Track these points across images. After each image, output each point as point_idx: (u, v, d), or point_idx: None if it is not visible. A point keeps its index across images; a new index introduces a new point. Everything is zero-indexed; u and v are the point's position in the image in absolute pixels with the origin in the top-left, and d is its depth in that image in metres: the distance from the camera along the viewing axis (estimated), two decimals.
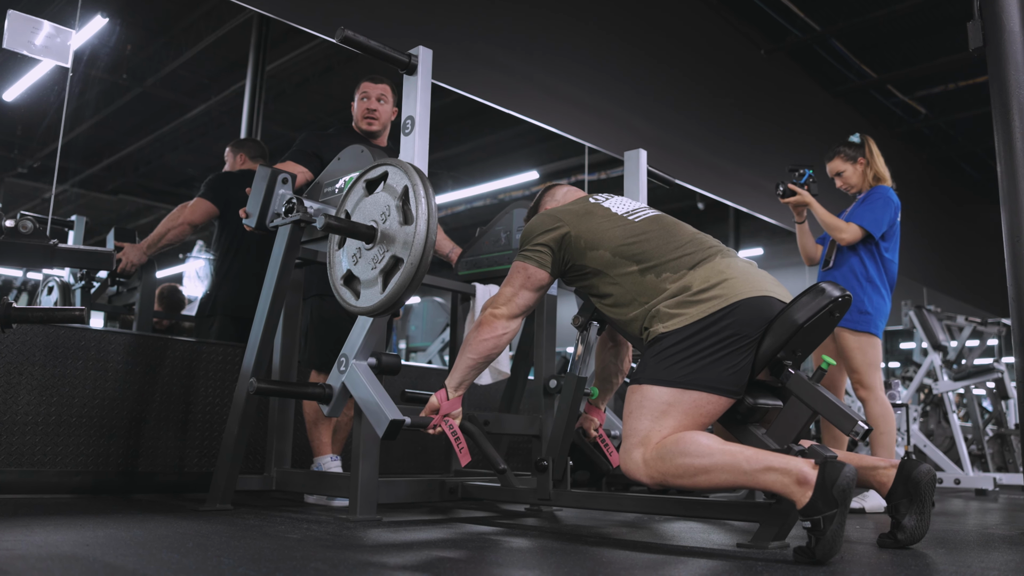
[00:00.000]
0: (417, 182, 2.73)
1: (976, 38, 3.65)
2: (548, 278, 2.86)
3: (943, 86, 10.49)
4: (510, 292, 2.86)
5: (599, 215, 2.86)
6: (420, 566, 2.03)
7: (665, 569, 2.11)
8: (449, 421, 2.88)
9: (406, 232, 2.70)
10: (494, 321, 2.83)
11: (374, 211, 2.83)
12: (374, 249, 2.79)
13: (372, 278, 2.78)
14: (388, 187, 2.82)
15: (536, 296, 2.88)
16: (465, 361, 2.86)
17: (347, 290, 2.90)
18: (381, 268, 2.75)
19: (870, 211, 4.37)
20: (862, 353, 4.27)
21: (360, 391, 2.95)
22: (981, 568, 2.23)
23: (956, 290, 12.68)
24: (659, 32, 7.99)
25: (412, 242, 2.66)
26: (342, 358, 3.03)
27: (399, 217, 2.74)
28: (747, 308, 2.49)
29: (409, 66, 3.12)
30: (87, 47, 8.02)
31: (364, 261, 2.82)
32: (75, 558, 1.94)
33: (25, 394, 3.65)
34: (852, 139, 4.60)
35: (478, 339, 2.83)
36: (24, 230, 2.50)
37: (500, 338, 2.83)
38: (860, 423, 2.33)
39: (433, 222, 2.67)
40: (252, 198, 3.54)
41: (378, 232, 2.78)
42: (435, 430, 2.89)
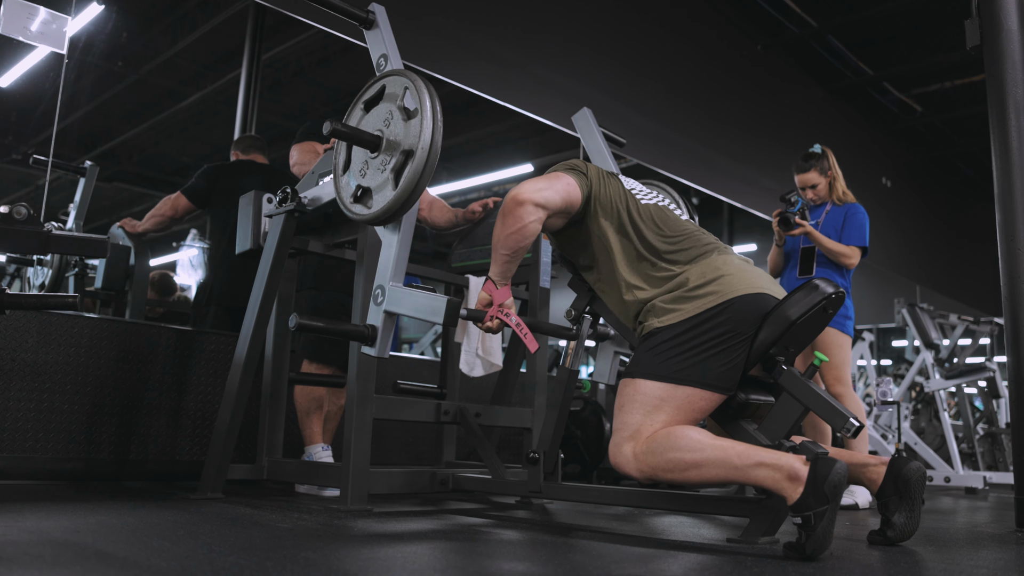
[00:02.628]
0: (416, 80, 2.73)
1: (973, 36, 3.66)
2: (579, 200, 2.73)
3: (939, 84, 10.51)
4: (541, 185, 2.69)
5: (616, 182, 2.83)
6: (410, 557, 2.03)
7: (655, 563, 2.11)
8: (506, 310, 2.75)
9: (411, 126, 2.69)
10: (518, 208, 2.65)
11: (376, 122, 2.82)
12: (380, 156, 2.77)
13: (383, 181, 2.76)
14: (387, 96, 2.82)
15: (561, 206, 2.71)
16: (500, 256, 2.72)
17: (359, 205, 2.85)
18: (391, 167, 2.73)
19: (858, 229, 4.59)
20: (842, 352, 4.45)
21: (407, 301, 2.79)
22: (970, 566, 2.24)
23: (949, 288, 12.71)
24: (655, 27, 7.99)
25: (420, 132, 2.64)
26: (377, 290, 2.91)
27: (402, 116, 2.73)
28: (742, 305, 2.49)
29: (367, 21, 3.15)
30: (83, 34, 7.99)
31: (372, 170, 2.80)
32: (66, 544, 1.94)
33: (17, 380, 3.65)
34: (814, 150, 4.78)
35: (506, 233, 2.67)
36: (18, 216, 2.49)
37: (527, 227, 2.65)
38: (852, 419, 2.34)
39: (438, 111, 2.65)
40: (240, 225, 3.56)
41: (383, 139, 2.77)
42: (492, 321, 2.75)
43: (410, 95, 2.75)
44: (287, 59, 9.63)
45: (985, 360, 7.76)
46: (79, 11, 5.72)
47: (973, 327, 8.30)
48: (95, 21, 7.98)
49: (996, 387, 7.87)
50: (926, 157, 12.45)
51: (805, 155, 4.78)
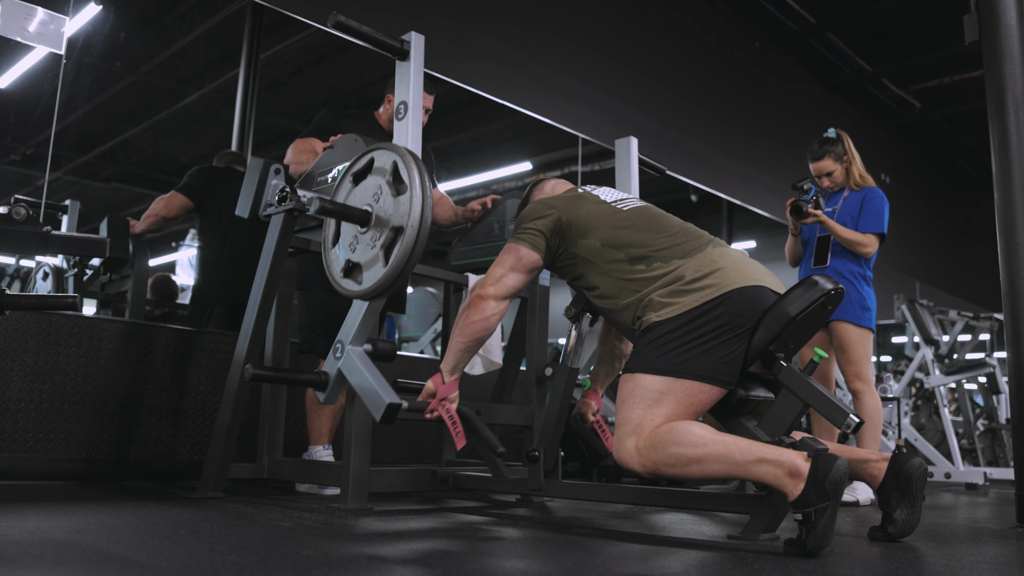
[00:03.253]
0: (405, 155, 2.73)
1: (972, 31, 3.65)
2: (539, 261, 2.85)
3: (938, 80, 10.50)
4: (500, 273, 2.84)
5: (590, 201, 2.87)
6: (411, 555, 2.03)
7: (655, 560, 2.11)
8: (446, 405, 2.87)
9: (401, 203, 2.69)
10: (481, 303, 2.81)
11: (365, 196, 2.83)
12: (370, 231, 2.78)
13: (373, 257, 2.76)
14: (376, 170, 2.82)
15: (525, 279, 2.86)
16: (456, 345, 2.85)
17: (349, 280, 2.88)
18: (381, 244, 2.73)
19: (875, 216, 4.45)
20: (862, 347, 4.35)
21: (356, 376, 2.93)
22: (971, 561, 2.24)
23: (949, 284, 12.71)
24: (654, 23, 7.98)
25: (409, 209, 2.65)
26: (337, 344, 3.01)
27: (391, 192, 2.73)
28: (740, 297, 2.49)
29: (401, 52, 3.11)
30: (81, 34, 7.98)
31: (362, 246, 2.81)
32: (68, 544, 1.94)
33: (18, 381, 3.65)
34: (829, 134, 4.64)
35: (467, 322, 2.81)
36: (17, 216, 2.49)
37: (488, 319, 2.81)
38: (851, 416, 2.34)
39: (427, 187, 2.66)
40: (244, 189, 3.53)
41: (372, 215, 2.77)
42: (432, 414, 2.88)
43: (399, 169, 2.73)
44: (285, 58, 9.62)
45: (985, 356, 7.75)
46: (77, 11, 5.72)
47: (973, 323, 8.30)
48: (93, 21, 7.97)
49: (996, 383, 7.87)
50: (925, 153, 12.44)
51: (819, 141, 4.66)
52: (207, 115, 11.15)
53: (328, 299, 3.88)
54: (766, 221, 9.77)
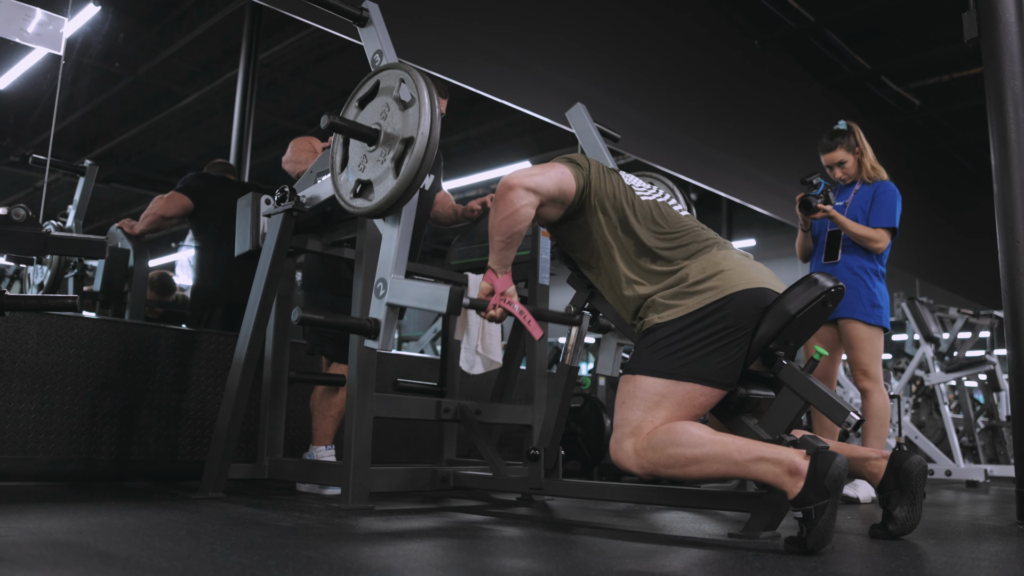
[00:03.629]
0: (411, 70, 2.72)
1: (971, 29, 3.65)
2: (573, 190, 2.73)
3: (937, 77, 10.49)
4: (536, 171, 2.70)
5: (616, 178, 2.83)
6: (412, 555, 2.03)
7: (656, 559, 2.11)
8: (508, 298, 2.72)
9: (409, 115, 2.69)
10: (509, 193, 2.65)
11: (373, 116, 2.82)
12: (379, 149, 2.77)
13: (383, 171, 2.75)
14: (383, 90, 2.82)
15: (555, 194, 2.70)
16: (497, 244, 2.71)
17: (360, 199, 2.84)
18: (391, 157, 2.72)
19: (887, 210, 4.39)
20: (871, 345, 4.30)
21: (409, 292, 2.78)
22: (972, 559, 2.24)
23: (949, 282, 12.71)
24: (652, 22, 7.98)
25: (419, 118, 2.64)
26: (379, 284, 2.89)
27: (399, 108, 2.72)
28: (742, 300, 2.49)
29: (361, 19, 3.14)
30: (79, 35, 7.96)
31: (372, 163, 2.79)
32: (68, 545, 1.94)
33: (18, 382, 3.65)
34: (840, 126, 4.59)
35: (499, 219, 2.67)
36: (17, 218, 2.49)
37: (520, 211, 2.64)
38: (852, 413, 2.34)
39: (435, 99, 2.65)
40: (239, 226, 3.55)
41: (381, 132, 2.76)
42: (496, 310, 2.72)
43: (406, 86, 2.74)
44: (284, 58, 9.62)
45: (985, 353, 7.75)
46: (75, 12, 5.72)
47: (973, 320, 8.29)
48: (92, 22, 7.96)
49: (997, 380, 7.86)
50: (924, 151, 12.44)
51: (830, 133, 4.60)
52: (206, 116, 11.15)
53: (335, 301, 3.88)
54: (766, 219, 9.77)
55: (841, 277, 4.32)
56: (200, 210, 4.78)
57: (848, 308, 4.29)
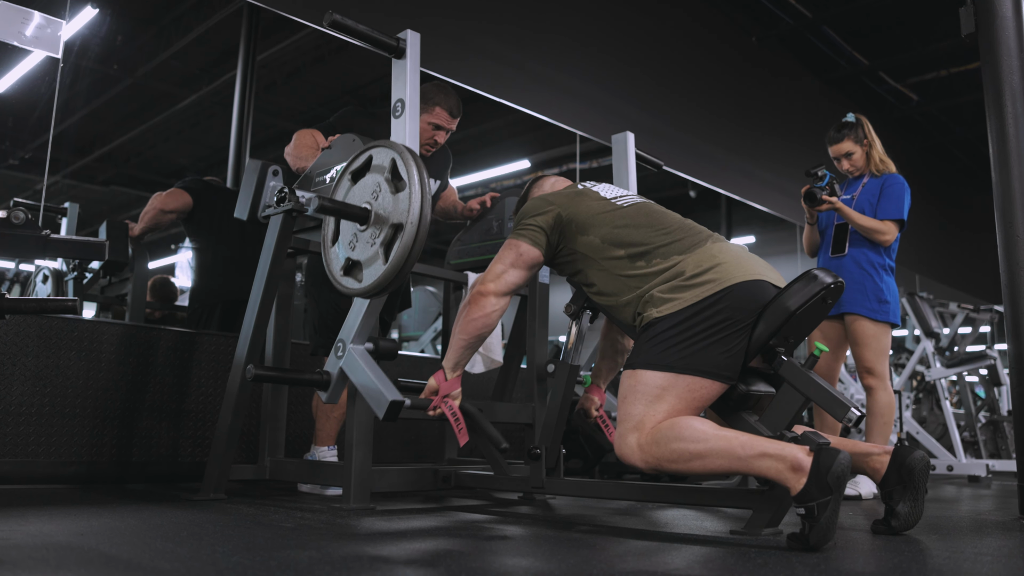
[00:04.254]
0: (403, 152, 2.72)
1: (968, 24, 3.65)
2: (540, 257, 2.86)
3: (935, 72, 10.50)
4: (500, 269, 2.85)
5: (589, 197, 2.88)
6: (414, 554, 2.03)
7: (659, 556, 2.11)
8: (448, 402, 2.87)
9: (400, 200, 2.69)
10: (482, 299, 2.82)
11: (364, 194, 2.82)
12: (369, 229, 2.77)
13: (373, 255, 2.75)
14: (375, 168, 2.81)
15: (526, 275, 2.87)
16: (457, 342, 2.85)
17: (349, 279, 2.86)
18: (381, 241, 2.72)
19: (894, 201, 4.33)
20: (877, 342, 4.24)
21: (358, 375, 2.93)
22: (974, 553, 2.24)
23: (948, 277, 12.70)
24: (650, 20, 7.98)
25: (408, 206, 2.64)
26: (339, 343, 3.01)
27: (390, 189, 2.72)
28: (740, 292, 2.49)
29: (397, 50, 3.11)
30: (77, 38, 7.97)
31: (362, 244, 2.80)
32: (70, 547, 1.94)
33: (19, 384, 3.65)
34: (848, 119, 4.55)
35: (468, 319, 2.82)
36: (16, 220, 2.49)
37: (489, 316, 2.82)
38: (853, 409, 2.34)
39: (426, 186, 2.64)
40: (243, 190, 3.54)
41: (371, 212, 2.77)
42: (435, 411, 2.87)
43: (398, 167, 2.73)
44: (283, 59, 9.62)
45: (986, 348, 7.75)
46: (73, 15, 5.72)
47: (973, 315, 8.29)
48: (89, 25, 7.97)
49: (997, 375, 7.87)
50: (923, 146, 12.44)
51: (838, 125, 4.56)
52: (205, 117, 11.15)
53: (339, 301, 3.88)
54: (765, 216, 9.77)
55: (848, 271, 4.29)
56: (198, 211, 4.81)
57: (853, 303, 4.24)
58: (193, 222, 4.85)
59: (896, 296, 4.35)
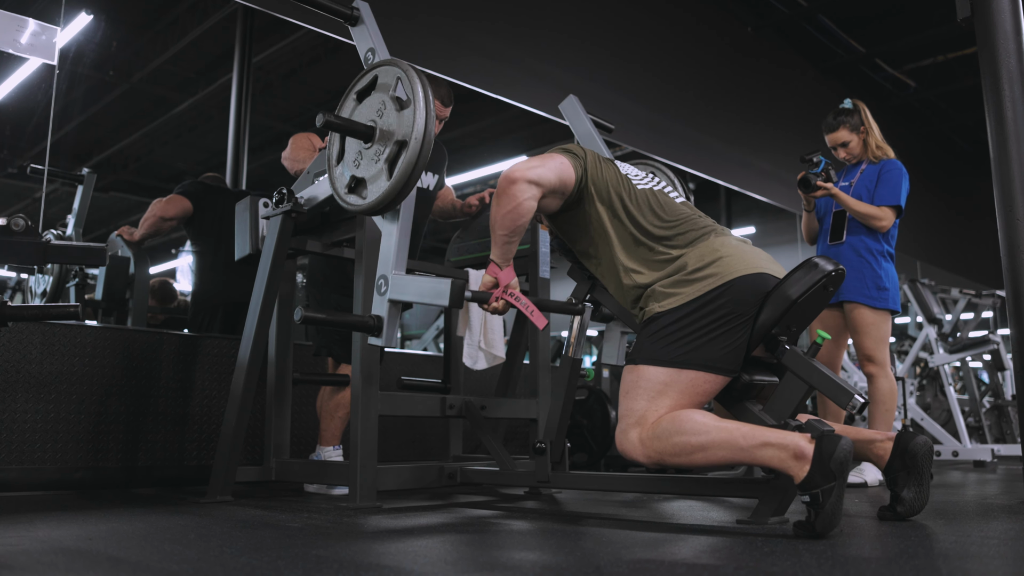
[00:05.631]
0: (408, 70, 2.73)
1: (964, 8, 3.64)
2: (573, 179, 2.72)
3: (932, 58, 10.48)
4: (536, 163, 2.69)
5: (613, 166, 2.83)
6: (422, 551, 2.03)
7: (665, 547, 2.12)
8: (511, 290, 2.73)
9: (404, 116, 2.69)
10: (512, 187, 2.64)
11: (369, 112, 2.83)
12: (374, 146, 2.78)
13: (377, 171, 2.76)
14: (380, 86, 2.83)
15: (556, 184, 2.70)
16: (499, 239, 2.71)
17: (354, 196, 2.86)
18: (385, 158, 2.73)
19: (891, 187, 4.30)
20: (876, 329, 4.22)
21: (411, 287, 2.80)
22: (980, 537, 2.24)
23: (950, 263, 12.69)
24: (644, 12, 7.97)
25: (413, 122, 2.65)
26: (380, 281, 2.88)
27: (395, 107, 2.73)
28: (742, 286, 2.49)
29: (352, 18, 3.15)
30: (72, 44, 7.98)
31: (366, 161, 2.80)
32: (78, 552, 1.95)
33: (23, 392, 3.65)
34: (845, 105, 4.53)
35: (502, 213, 2.66)
36: (16, 227, 2.49)
37: (522, 205, 2.63)
38: (856, 396, 2.34)
39: (430, 101, 2.65)
40: (239, 230, 3.56)
41: (376, 129, 2.77)
42: (498, 302, 2.73)
43: (402, 85, 2.75)
44: (278, 61, 9.61)
45: (988, 333, 7.75)
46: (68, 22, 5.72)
47: (975, 300, 8.29)
48: (84, 31, 7.96)
49: (1001, 360, 7.87)
50: (921, 132, 12.43)
51: (834, 112, 4.54)
52: (202, 121, 11.14)
53: (342, 302, 3.88)
54: (765, 206, 9.76)
55: (846, 259, 4.28)
56: (198, 214, 4.82)
57: (852, 291, 4.23)
58: (193, 226, 4.86)
59: (896, 283, 4.32)
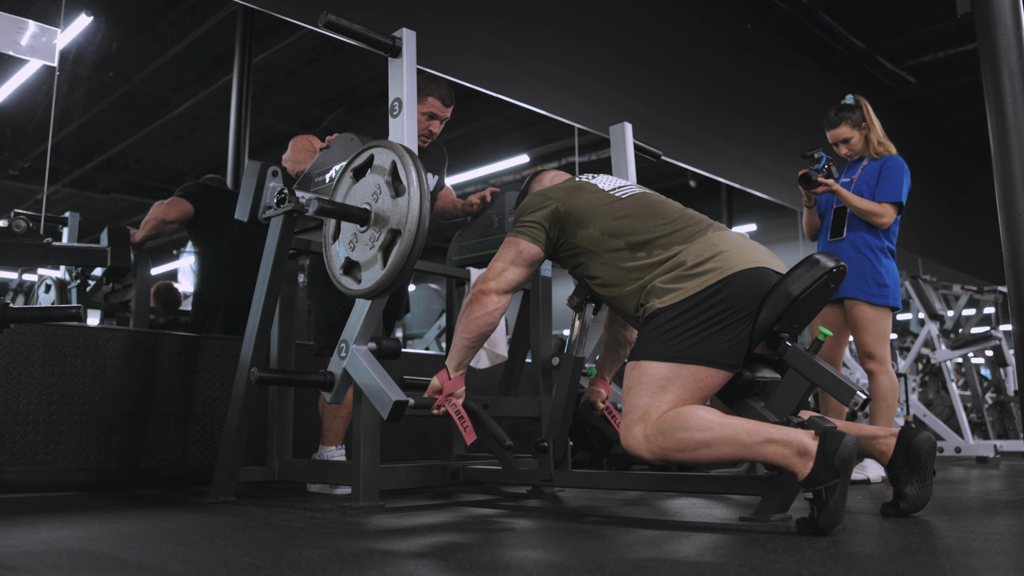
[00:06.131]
0: (404, 155, 2.73)
1: (964, 3, 3.63)
2: (540, 254, 2.85)
3: (932, 55, 10.47)
4: (500, 267, 2.84)
5: (587, 190, 2.87)
6: (425, 550, 2.03)
7: (669, 544, 2.12)
8: (452, 400, 2.86)
9: (399, 204, 2.70)
10: (483, 298, 2.81)
11: (364, 194, 2.84)
12: (369, 231, 2.79)
13: (371, 258, 2.78)
14: (376, 168, 2.83)
15: (527, 272, 2.86)
16: (460, 341, 2.85)
17: (348, 278, 2.89)
18: (379, 245, 2.74)
19: (892, 184, 4.30)
20: (876, 326, 4.22)
21: (362, 375, 2.94)
22: (984, 533, 2.24)
23: (951, 259, 12.68)
24: (644, 10, 7.97)
25: (407, 211, 2.66)
26: (342, 344, 3.02)
27: (390, 192, 2.74)
28: (742, 280, 2.49)
29: (393, 48, 3.10)
30: (73, 46, 7.98)
31: (361, 245, 2.82)
32: (82, 553, 1.95)
33: (25, 393, 3.66)
34: (847, 101, 4.52)
35: (470, 318, 2.81)
36: (18, 229, 2.49)
37: (491, 315, 2.81)
38: (859, 393, 2.34)
39: (425, 191, 2.66)
40: (243, 192, 3.54)
41: (371, 213, 2.78)
42: (439, 410, 2.86)
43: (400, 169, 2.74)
44: (278, 61, 9.61)
45: (990, 329, 7.75)
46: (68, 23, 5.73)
47: (977, 297, 8.28)
48: (84, 32, 7.97)
49: (1003, 356, 7.86)
50: (922, 128, 12.42)
51: (836, 108, 4.53)
52: (202, 122, 11.15)
53: (344, 302, 3.89)
54: (766, 204, 9.75)
55: (846, 255, 4.27)
56: (199, 216, 4.82)
57: (852, 288, 4.22)
58: (195, 227, 4.87)
59: (896, 279, 4.32)
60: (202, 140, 11.74)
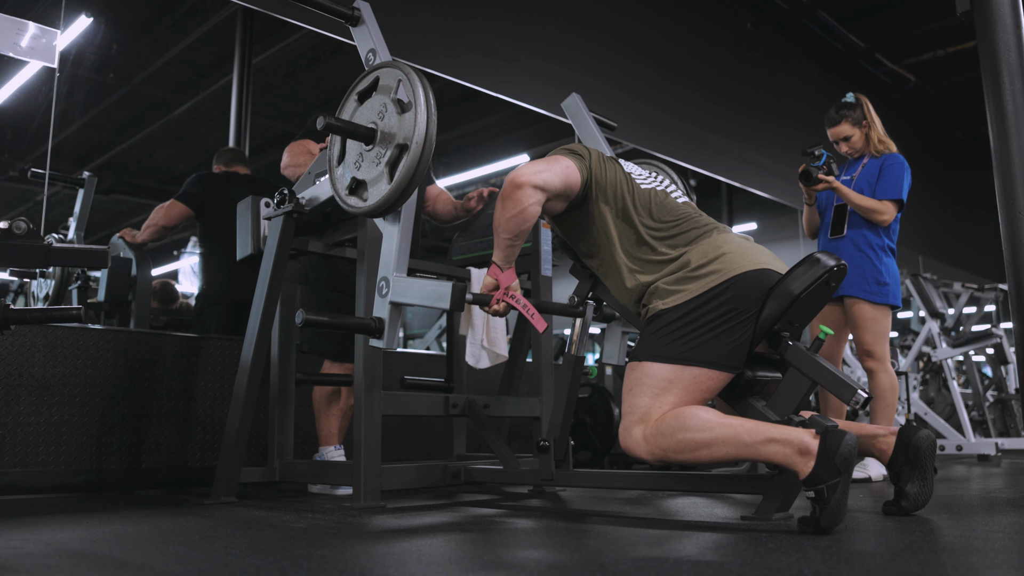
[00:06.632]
0: (410, 72, 2.74)
1: (963, 1, 3.64)
2: (579, 183, 2.72)
3: (932, 53, 10.46)
4: (541, 167, 2.67)
5: (615, 167, 2.82)
6: (426, 550, 2.03)
7: (670, 544, 2.12)
8: (511, 292, 2.72)
9: (406, 120, 2.70)
10: (517, 192, 2.62)
11: (371, 114, 2.84)
12: (375, 149, 2.79)
13: (378, 174, 2.77)
14: (381, 88, 2.84)
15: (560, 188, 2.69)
16: (503, 241, 2.70)
17: (354, 198, 2.87)
18: (386, 161, 2.74)
19: (893, 181, 4.29)
20: (876, 324, 4.22)
21: (412, 291, 2.80)
22: (985, 531, 2.24)
23: (952, 257, 12.68)
24: (645, 11, 7.97)
25: (414, 125, 2.66)
26: (381, 282, 2.88)
27: (396, 110, 2.74)
28: (745, 282, 2.49)
29: (353, 18, 3.17)
30: (72, 47, 7.99)
31: (367, 163, 2.81)
32: (83, 554, 1.95)
33: (26, 395, 3.66)
34: (847, 99, 4.52)
35: (507, 217, 2.65)
36: (18, 231, 2.49)
37: (526, 210, 2.62)
38: (859, 391, 2.34)
39: (432, 105, 2.66)
40: (240, 231, 3.57)
41: (377, 132, 2.78)
42: (499, 304, 2.72)
43: (404, 88, 2.75)
44: (278, 62, 9.61)
45: (991, 327, 7.74)
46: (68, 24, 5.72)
47: (978, 294, 8.28)
48: (85, 34, 7.97)
49: (1004, 353, 7.86)
50: (922, 126, 12.41)
51: (837, 106, 4.53)
52: (203, 122, 11.14)
53: (333, 300, 3.89)
54: (766, 202, 9.75)
55: (846, 253, 4.27)
56: (204, 213, 4.80)
57: (852, 286, 4.22)
58: (202, 222, 4.85)
59: (896, 278, 4.31)
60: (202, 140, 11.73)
